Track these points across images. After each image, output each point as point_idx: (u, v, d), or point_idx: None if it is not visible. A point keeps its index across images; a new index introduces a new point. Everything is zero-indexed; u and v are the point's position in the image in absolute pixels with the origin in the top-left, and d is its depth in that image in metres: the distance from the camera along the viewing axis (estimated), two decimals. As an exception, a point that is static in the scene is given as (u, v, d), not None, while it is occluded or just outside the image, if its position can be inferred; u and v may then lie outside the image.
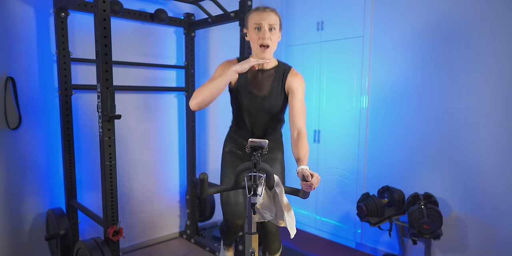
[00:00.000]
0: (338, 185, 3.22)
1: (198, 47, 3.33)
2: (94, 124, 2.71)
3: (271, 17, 1.68)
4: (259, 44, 1.69)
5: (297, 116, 1.72)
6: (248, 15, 1.75)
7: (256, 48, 1.72)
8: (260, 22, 1.67)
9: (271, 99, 1.82)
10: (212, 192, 1.44)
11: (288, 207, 1.46)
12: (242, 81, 1.81)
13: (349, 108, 3.10)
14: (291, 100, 1.77)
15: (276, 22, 1.70)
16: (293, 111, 1.73)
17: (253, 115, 1.85)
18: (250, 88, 1.81)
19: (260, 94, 1.82)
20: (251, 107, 1.83)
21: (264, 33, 1.67)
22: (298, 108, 1.74)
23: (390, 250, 2.93)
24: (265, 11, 1.69)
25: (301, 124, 1.71)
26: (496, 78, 2.33)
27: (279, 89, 1.82)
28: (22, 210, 2.48)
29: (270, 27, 1.68)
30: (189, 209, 3.22)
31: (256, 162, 1.35)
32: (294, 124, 1.71)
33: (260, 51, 1.71)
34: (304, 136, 1.67)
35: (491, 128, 2.36)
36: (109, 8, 1.89)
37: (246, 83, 1.81)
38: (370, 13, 2.90)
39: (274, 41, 1.71)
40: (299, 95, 1.78)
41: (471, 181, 2.46)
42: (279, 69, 1.84)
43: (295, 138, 1.67)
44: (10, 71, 2.36)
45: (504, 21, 2.28)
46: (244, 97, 1.82)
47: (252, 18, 1.71)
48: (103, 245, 2.05)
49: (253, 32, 1.70)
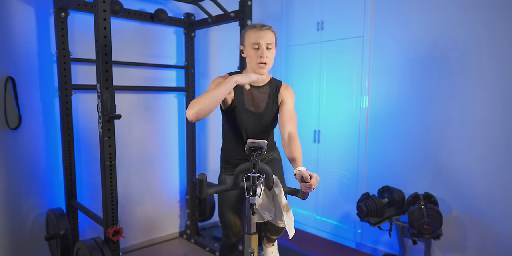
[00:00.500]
0: (338, 185, 3.22)
1: (198, 47, 3.33)
2: (94, 124, 2.71)
3: (268, 36, 1.71)
4: (258, 62, 1.72)
5: (287, 122, 1.76)
6: (245, 32, 1.77)
7: (254, 65, 1.75)
8: (258, 42, 1.70)
9: (267, 115, 1.84)
10: (211, 192, 1.44)
11: (287, 208, 1.46)
12: (239, 98, 1.81)
13: (349, 108, 3.10)
14: (281, 109, 1.83)
15: (273, 40, 1.73)
16: (283, 118, 1.79)
17: (250, 131, 1.84)
18: (247, 105, 1.82)
19: (257, 111, 1.83)
20: (248, 123, 1.83)
21: (262, 52, 1.71)
22: (289, 115, 1.79)
23: (390, 250, 2.92)
24: (262, 29, 1.71)
25: (291, 128, 1.75)
26: (496, 78, 2.32)
27: (273, 103, 1.85)
28: (22, 210, 2.48)
29: (267, 46, 1.71)
30: (189, 209, 3.23)
31: (255, 162, 1.35)
32: (284, 128, 1.75)
33: (259, 68, 1.74)
34: (296, 137, 1.71)
35: (491, 128, 2.36)
36: (109, 8, 1.89)
37: (243, 101, 1.82)
38: (370, 13, 2.90)
39: (271, 58, 1.75)
40: (290, 105, 1.83)
41: (471, 181, 2.46)
42: (272, 84, 1.86)
43: (286, 140, 1.71)
44: (10, 71, 2.36)
45: (504, 19, 2.27)
46: (242, 114, 1.81)
47: (249, 37, 1.73)
48: (103, 245, 2.05)
49: (250, 50, 1.73)
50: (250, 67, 1.80)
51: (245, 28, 1.81)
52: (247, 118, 1.81)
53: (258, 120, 1.83)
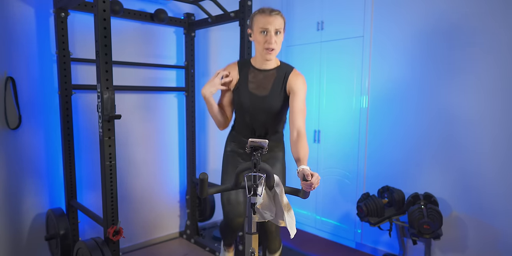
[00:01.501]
0: (338, 185, 3.22)
1: (198, 47, 3.32)
2: (94, 124, 2.71)
3: (277, 21, 1.72)
4: (265, 47, 1.73)
5: (297, 116, 1.73)
6: (254, 16, 1.77)
7: (261, 50, 1.76)
8: (267, 27, 1.71)
9: (271, 99, 1.84)
10: (212, 192, 1.44)
11: (288, 207, 1.46)
12: (243, 81, 1.85)
13: (349, 108, 3.10)
14: (291, 100, 1.79)
15: (281, 26, 1.74)
16: (293, 112, 1.75)
17: (254, 115, 1.87)
18: (251, 88, 1.85)
19: (261, 94, 1.84)
20: (252, 106, 1.85)
21: (270, 37, 1.71)
22: (299, 108, 1.75)
23: (390, 250, 2.93)
24: (271, 15, 1.72)
25: (300, 124, 1.72)
26: (496, 78, 2.33)
27: (280, 89, 1.84)
28: (22, 210, 2.48)
29: (276, 31, 1.72)
30: (189, 209, 3.22)
31: (256, 162, 1.35)
32: (293, 124, 1.73)
33: (266, 53, 1.75)
34: (304, 137, 1.69)
35: (491, 128, 2.36)
36: (109, 8, 1.89)
37: (247, 83, 1.85)
38: (370, 13, 2.90)
39: (279, 44, 1.76)
40: (300, 96, 1.79)
41: (471, 181, 2.46)
42: (280, 69, 1.86)
43: (295, 138, 1.69)
44: (10, 71, 2.36)
45: (504, 20, 2.27)
46: (245, 96, 1.85)
47: (258, 21, 1.73)
48: (103, 245, 2.05)
49: (258, 35, 1.74)
50: (257, 52, 1.81)
51: (254, 12, 1.80)
52: (250, 100, 1.85)
53: (261, 103, 1.85)
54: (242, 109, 1.89)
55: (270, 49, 1.73)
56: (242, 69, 1.88)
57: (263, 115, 1.86)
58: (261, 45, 1.75)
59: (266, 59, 1.79)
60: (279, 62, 1.89)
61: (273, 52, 1.75)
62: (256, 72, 1.86)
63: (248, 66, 1.88)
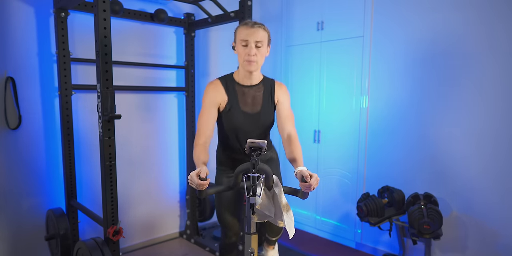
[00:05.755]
0: (338, 185, 3.22)
1: (198, 47, 3.33)
2: (94, 124, 2.71)
3: (257, 34, 1.67)
4: (246, 60, 1.70)
5: (286, 123, 1.77)
6: (237, 29, 1.74)
7: (242, 62, 1.73)
8: (247, 39, 1.67)
9: (264, 114, 1.82)
10: (211, 192, 1.44)
11: (287, 208, 1.46)
12: (232, 102, 1.78)
13: (349, 108, 3.10)
14: (278, 109, 1.82)
15: (263, 39, 1.69)
16: (281, 118, 1.79)
17: (247, 132, 1.82)
18: (242, 107, 1.79)
19: (253, 112, 1.80)
20: (245, 125, 1.80)
21: (250, 49, 1.68)
22: (286, 115, 1.79)
23: (390, 250, 2.92)
24: (253, 27, 1.68)
25: (290, 128, 1.75)
26: (496, 77, 2.32)
27: (270, 103, 1.84)
28: (22, 210, 2.48)
29: (256, 44, 1.68)
30: (189, 209, 3.23)
31: (255, 162, 1.35)
32: (283, 130, 1.76)
33: (246, 64, 1.72)
34: (296, 138, 1.71)
35: (491, 128, 2.36)
36: (109, 8, 1.89)
37: (238, 103, 1.79)
38: (370, 13, 2.90)
39: (260, 56, 1.72)
40: (286, 104, 1.83)
41: (471, 181, 2.46)
42: (265, 83, 1.84)
43: (286, 140, 1.71)
44: (10, 71, 2.36)
45: (504, 18, 2.27)
46: (238, 117, 1.78)
47: (239, 34, 1.70)
48: (103, 245, 2.05)
49: (240, 48, 1.71)
50: (240, 65, 1.78)
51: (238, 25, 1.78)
52: (243, 119, 1.79)
53: (255, 120, 1.81)
54: (233, 129, 1.81)
55: (250, 61, 1.69)
56: (228, 88, 1.79)
57: (256, 131, 1.83)
58: (242, 57, 1.71)
59: (247, 70, 1.73)
60: (262, 75, 1.86)
61: (252, 64, 1.70)
62: (244, 89, 1.80)
63: (233, 84, 1.80)
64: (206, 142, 1.70)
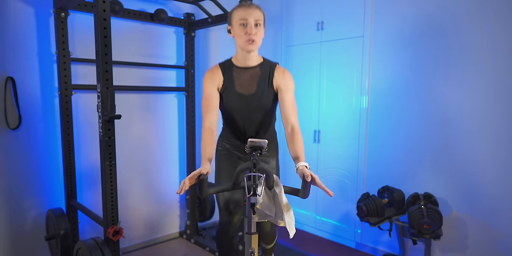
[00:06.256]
0: (338, 185, 3.22)
1: (198, 47, 3.33)
2: (94, 124, 2.71)
3: (256, 13, 1.69)
4: (246, 39, 1.70)
5: (289, 112, 1.73)
6: (232, 11, 1.75)
7: (242, 42, 1.72)
8: (246, 18, 1.68)
9: (259, 97, 1.81)
10: (211, 192, 1.44)
11: (288, 207, 1.46)
12: (228, 83, 1.80)
13: (349, 108, 3.10)
14: (281, 98, 1.78)
15: (261, 18, 1.71)
16: (284, 108, 1.75)
17: (244, 115, 1.83)
18: (237, 88, 1.80)
19: (248, 93, 1.80)
20: (240, 107, 1.82)
21: (251, 28, 1.68)
22: (289, 104, 1.75)
23: (390, 250, 2.92)
24: (250, 7, 1.70)
25: (293, 119, 1.73)
26: (496, 79, 2.32)
27: (267, 86, 1.81)
28: (22, 210, 2.48)
29: (256, 23, 1.69)
30: (189, 209, 3.22)
31: (255, 162, 1.35)
32: (287, 121, 1.73)
33: (247, 44, 1.71)
34: (298, 131, 1.70)
35: (491, 128, 2.36)
36: (109, 8, 1.89)
37: (233, 84, 1.80)
38: (370, 13, 2.90)
39: (259, 36, 1.72)
40: (289, 92, 1.79)
41: (471, 181, 2.46)
42: (264, 66, 1.83)
43: (289, 133, 1.70)
44: (10, 71, 2.36)
45: (504, 17, 2.27)
46: (233, 98, 1.80)
47: (237, 14, 1.71)
48: (103, 245, 2.05)
49: (238, 28, 1.70)
50: (238, 47, 1.77)
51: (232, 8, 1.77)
52: (238, 101, 1.80)
53: (249, 102, 1.80)
54: (231, 111, 1.84)
55: (251, 40, 1.69)
56: (225, 71, 1.82)
57: (253, 114, 1.83)
58: (242, 38, 1.70)
59: (247, 50, 1.73)
60: (262, 58, 1.85)
61: (254, 43, 1.70)
62: (239, 71, 1.81)
63: (231, 66, 1.83)
64: (212, 124, 1.72)
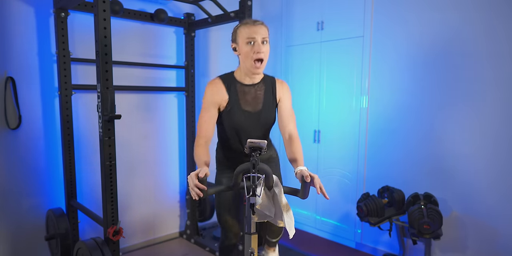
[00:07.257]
0: (338, 185, 3.22)
1: (198, 47, 3.32)
2: (94, 124, 2.71)
3: (262, 30, 1.67)
4: (255, 58, 1.66)
5: (287, 122, 1.76)
6: (237, 29, 1.72)
7: (249, 63, 1.68)
8: (253, 36, 1.64)
9: (265, 113, 1.80)
10: (211, 192, 1.44)
11: (287, 208, 1.46)
12: (233, 101, 1.76)
13: (349, 108, 3.10)
14: (280, 107, 1.81)
15: (267, 35, 1.69)
16: (282, 118, 1.78)
17: (248, 131, 1.80)
18: (244, 106, 1.77)
19: (254, 110, 1.78)
20: (248, 124, 1.78)
21: (258, 46, 1.64)
22: (288, 114, 1.79)
23: (390, 250, 2.92)
24: (255, 25, 1.66)
25: (291, 128, 1.75)
26: (496, 80, 2.32)
27: (272, 101, 1.81)
28: (22, 210, 2.48)
29: (262, 40, 1.66)
30: (189, 209, 3.22)
31: (255, 162, 1.35)
32: (284, 129, 1.76)
33: (255, 67, 1.67)
34: (297, 138, 1.72)
35: (491, 128, 2.36)
36: (109, 8, 1.89)
37: (239, 103, 1.76)
38: (370, 13, 2.90)
39: (267, 53, 1.69)
40: (287, 102, 1.82)
41: (471, 181, 2.46)
42: (266, 81, 1.82)
43: (287, 140, 1.72)
44: (10, 71, 2.36)
45: (504, 17, 2.27)
46: (239, 116, 1.76)
47: (243, 32, 1.67)
48: (103, 245, 2.05)
49: (245, 46, 1.66)
50: (244, 66, 1.72)
51: (236, 26, 1.75)
52: (244, 119, 1.77)
53: (256, 119, 1.79)
54: (234, 129, 1.79)
55: (259, 59, 1.65)
56: (229, 88, 1.76)
57: (257, 130, 1.81)
58: (249, 56, 1.66)
59: (254, 73, 1.71)
60: (263, 74, 1.83)
61: (261, 65, 1.67)
62: (246, 88, 1.77)
63: (235, 83, 1.78)
64: (207, 142, 1.69)
